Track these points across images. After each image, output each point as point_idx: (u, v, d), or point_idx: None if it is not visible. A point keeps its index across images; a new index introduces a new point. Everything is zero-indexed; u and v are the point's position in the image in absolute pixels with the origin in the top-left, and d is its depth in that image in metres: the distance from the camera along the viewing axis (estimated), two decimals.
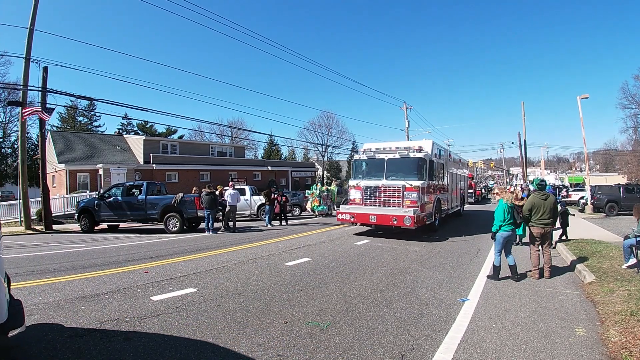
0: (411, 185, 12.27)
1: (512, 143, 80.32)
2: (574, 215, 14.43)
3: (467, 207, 27.47)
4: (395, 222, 11.93)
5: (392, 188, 12.68)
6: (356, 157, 14.74)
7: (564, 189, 37.82)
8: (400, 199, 12.45)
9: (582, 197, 28.76)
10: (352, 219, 13.08)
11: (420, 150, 13.15)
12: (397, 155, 13.21)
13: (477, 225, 17.21)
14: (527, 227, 8.08)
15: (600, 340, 4.43)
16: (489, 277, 7.39)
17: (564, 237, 11.64)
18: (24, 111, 17.73)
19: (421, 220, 12.14)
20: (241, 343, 4.28)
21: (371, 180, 13.44)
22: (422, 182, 12.46)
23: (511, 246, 7.46)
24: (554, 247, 10.08)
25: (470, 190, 34.16)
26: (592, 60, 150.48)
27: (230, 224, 16.54)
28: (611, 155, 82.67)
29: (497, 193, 8.13)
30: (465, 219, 20.88)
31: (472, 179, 38.54)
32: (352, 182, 14.04)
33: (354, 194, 13.75)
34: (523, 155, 44.83)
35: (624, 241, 7.81)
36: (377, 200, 13.04)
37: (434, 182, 13.82)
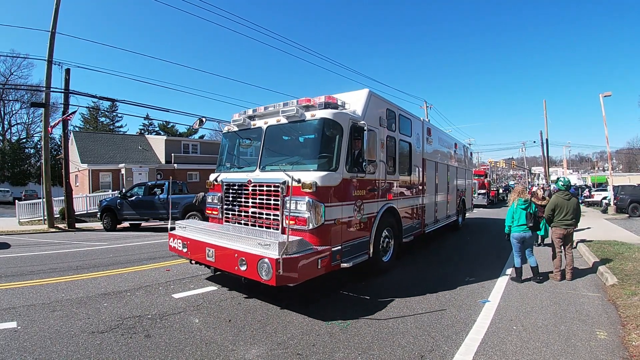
0: (299, 180, 5.73)
1: (534, 142, 78.81)
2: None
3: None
4: (243, 270, 5.25)
5: (265, 189, 6.29)
6: (225, 129, 8.07)
7: (587, 189, 36.87)
8: (279, 213, 6.04)
9: (604, 198, 27.99)
10: (185, 251, 6.52)
11: (327, 104, 6.42)
12: (283, 119, 6.59)
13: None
14: (549, 228, 7.91)
15: (621, 344, 4.35)
16: (511, 279, 7.29)
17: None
18: (50, 129, 18.32)
19: (311, 267, 5.37)
20: (261, 341, 4.34)
21: (237, 173, 7.28)
22: (327, 173, 5.92)
23: (532, 248, 7.35)
24: (575, 248, 9.88)
25: (483, 191, 31.41)
26: (615, 56, 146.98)
27: None
28: (634, 154, 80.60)
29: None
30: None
31: (485, 177, 35.29)
32: (212, 177, 7.58)
33: (211, 200, 7.46)
34: (545, 154, 43.94)
35: None
36: (244, 213, 6.73)
37: (375, 174, 7.19)
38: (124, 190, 19.36)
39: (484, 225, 17.76)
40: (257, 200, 6.42)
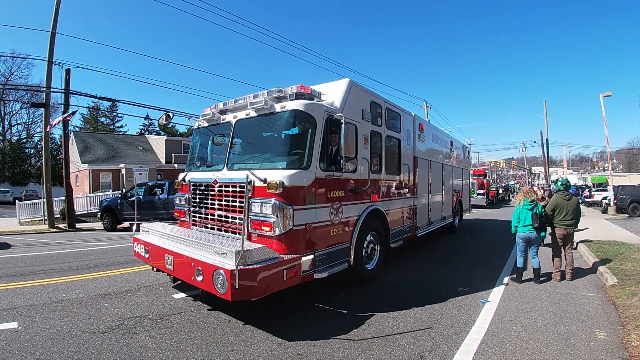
0: (265, 180, 5.17)
1: (534, 142, 78.78)
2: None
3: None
4: (199, 281, 4.68)
5: (231, 189, 5.70)
6: (196, 124, 7.35)
7: (587, 189, 36.83)
8: (244, 217, 4.76)
9: (604, 198, 27.97)
10: (147, 257, 5.99)
11: (300, 95, 5.78)
12: (252, 113, 5.98)
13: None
14: (549, 228, 7.90)
15: (621, 344, 4.36)
16: (512, 279, 7.30)
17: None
18: (49, 127, 18.36)
19: (275, 279, 4.67)
20: (261, 341, 4.36)
21: (205, 172, 6.66)
22: (297, 171, 5.26)
23: (537, 248, 7.31)
24: (576, 248, 9.88)
25: (482, 191, 30.95)
26: (615, 56, 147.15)
27: None
28: (634, 154, 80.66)
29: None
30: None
31: (485, 177, 34.82)
32: (180, 177, 7.08)
33: (179, 201, 6.96)
34: (545, 154, 43.93)
35: None
36: (210, 216, 6.16)
37: (356, 173, 6.56)
38: (124, 190, 19.38)
39: (482, 226, 17.28)
40: (223, 202, 5.82)
